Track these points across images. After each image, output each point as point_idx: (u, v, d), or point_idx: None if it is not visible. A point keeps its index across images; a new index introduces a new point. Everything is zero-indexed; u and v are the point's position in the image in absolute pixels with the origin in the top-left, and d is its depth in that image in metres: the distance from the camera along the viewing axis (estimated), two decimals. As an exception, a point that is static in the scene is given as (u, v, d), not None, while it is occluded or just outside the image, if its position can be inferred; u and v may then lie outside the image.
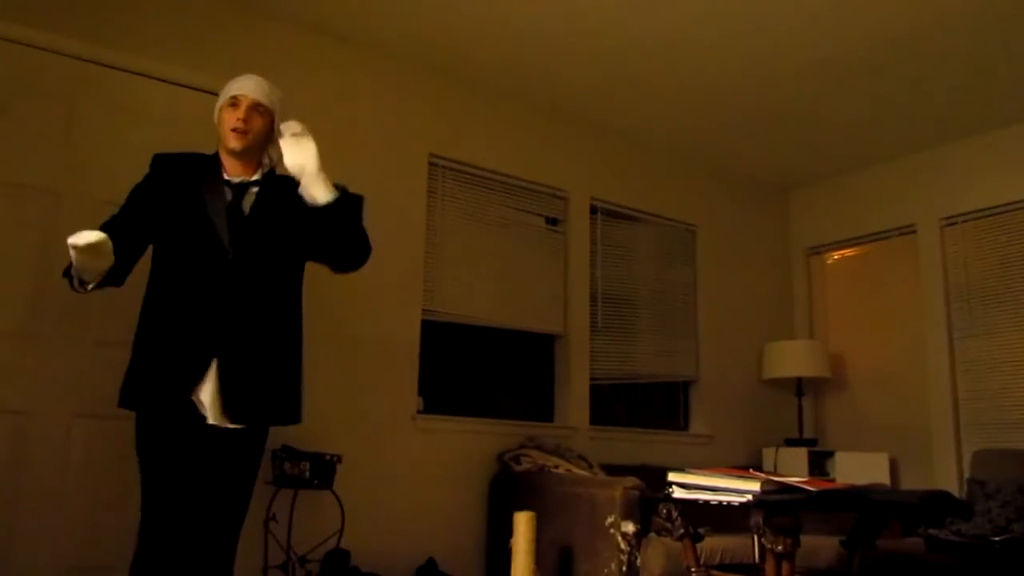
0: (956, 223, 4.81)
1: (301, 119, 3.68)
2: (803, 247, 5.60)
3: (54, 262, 2.45)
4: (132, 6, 3.36)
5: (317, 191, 2.36)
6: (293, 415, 2.42)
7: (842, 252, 5.47)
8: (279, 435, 3.37)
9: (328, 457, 3.28)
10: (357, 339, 3.74)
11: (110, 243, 2.03)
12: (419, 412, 3.90)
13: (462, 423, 4.00)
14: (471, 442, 3.98)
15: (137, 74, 3.31)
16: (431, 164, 4.13)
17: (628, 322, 4.78)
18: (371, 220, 3.82)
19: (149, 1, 3.41)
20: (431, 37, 3.87)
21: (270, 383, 2.33)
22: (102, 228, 2.14)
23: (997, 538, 3.64)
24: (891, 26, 3.64)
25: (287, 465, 3.23)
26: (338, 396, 3.64)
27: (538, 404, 4.51)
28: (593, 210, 4.72)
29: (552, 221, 4.58)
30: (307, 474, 3.22)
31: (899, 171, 5.11)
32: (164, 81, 3.38)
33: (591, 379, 4.53)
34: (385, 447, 3.74)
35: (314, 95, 3.79)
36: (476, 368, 4.40)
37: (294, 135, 2.37)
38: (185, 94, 3.39)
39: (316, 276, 3.57)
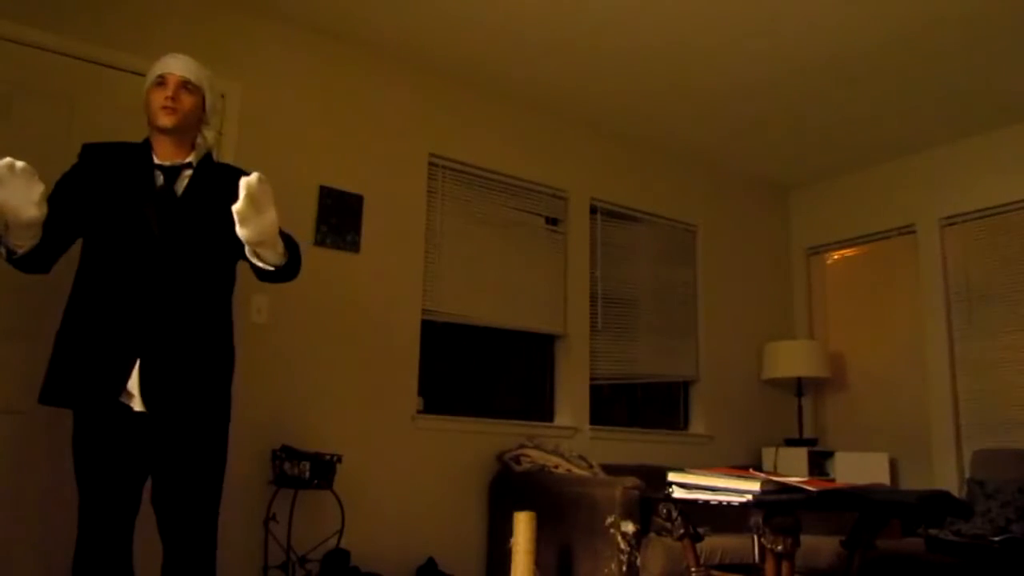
0: (956, 223, 4.81)
1: (301, 118, 3.72)
2: (803, 247, 5.61)
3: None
4: (132, 6, 3.36)
5: (269, 256, 2.20)
6: (221, 411, 2.29)
7: (842, 252, 5.47)
8: (279, 435, 3.40)
9: (328, 457, 3.28)
10: (357, 339, 3.74)
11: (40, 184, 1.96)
12: (419, 412, 3.90)
13: (462, 423, 4.00)
14: (471, 442, 3.98)
15: (137, 74, 3.30)
16: (431, 164, 4.13)
17: (628, 322, 4.78)
18: (371, 220, 3.87)
19: (149, 1, 3.42)
20: (431, 37, 3.87)
21: (195, 375, 2.22)
22: None
23: (997, 538, 3.64)
24: (890, 26, 3.64)
25: (287, 465, 3.23)
26: (338, 396, 3.64)
27: (538, 404, 4.51)
28: (593, 210, 4.72)
29: (552, 221, 4.58)
30: (307, 474, 3.22)
31: (899, 171, 5.11)
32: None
33: (591, 379, 4.53)
34: (385, 447, 3.74)
35: (314, 95, 3.79)
36: (476, 368, 4.40)
37: (250, 193, 1.98)
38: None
39: (316, 276, 3.59)
